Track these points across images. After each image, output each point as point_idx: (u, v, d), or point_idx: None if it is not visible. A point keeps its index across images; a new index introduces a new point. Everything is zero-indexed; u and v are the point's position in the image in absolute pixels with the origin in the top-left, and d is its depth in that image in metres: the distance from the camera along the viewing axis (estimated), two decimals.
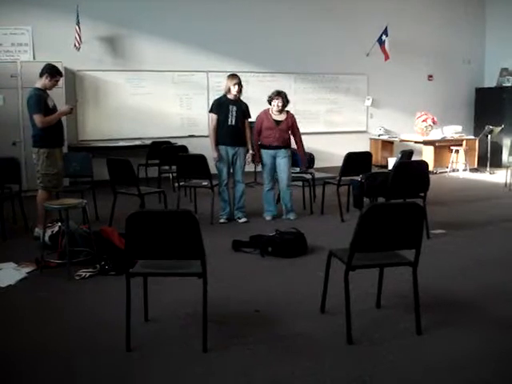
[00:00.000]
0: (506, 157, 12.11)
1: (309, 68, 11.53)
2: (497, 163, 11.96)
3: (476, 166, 11.87)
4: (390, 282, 4.24)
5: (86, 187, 7.22)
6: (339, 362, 3.32)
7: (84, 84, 9.94)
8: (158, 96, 10.43)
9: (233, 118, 6.80)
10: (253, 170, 9.05)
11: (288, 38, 11.16)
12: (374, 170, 8.21)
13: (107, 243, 5.27)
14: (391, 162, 10.08)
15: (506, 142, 12.27)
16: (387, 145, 12.16)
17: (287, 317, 3.98)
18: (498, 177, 10.95)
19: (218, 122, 6.85)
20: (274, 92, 7.06)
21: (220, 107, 6.86)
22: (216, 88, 10.28)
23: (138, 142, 10.05)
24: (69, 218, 5.05)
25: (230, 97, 6.84)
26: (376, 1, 11.92)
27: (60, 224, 5.52)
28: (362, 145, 11.44)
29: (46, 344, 3.57)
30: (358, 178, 6.90)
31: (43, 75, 6.00)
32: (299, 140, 7.20)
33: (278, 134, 6.96)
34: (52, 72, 6.02)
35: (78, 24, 9.30)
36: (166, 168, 9.06)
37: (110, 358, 3.36)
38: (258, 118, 7.09)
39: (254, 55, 10.97)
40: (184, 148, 9.09)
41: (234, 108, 6.81)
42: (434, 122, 11.64)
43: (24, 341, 3.63)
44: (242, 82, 6.88)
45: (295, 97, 11.15)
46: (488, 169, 11.55)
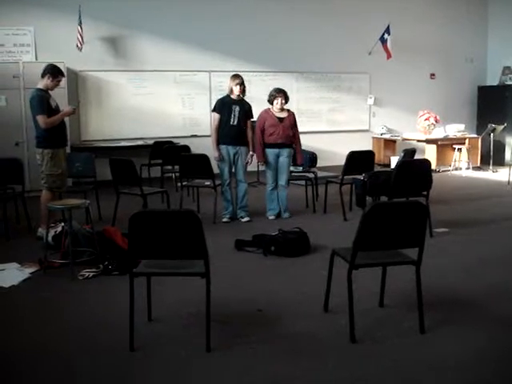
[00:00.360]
0: (508, 155, 12.12)
1: (311, 67, 11.52)
2: (499, 161, 11.95)
3: (479, 164, 11.86)
4: (393, 280, 4.23)
5: (88, 187, 7.23)
6: (342, 361, 3.32)
7: (86, 84, 9.95)
8: (160, 96, 10.44)
9: (235, 117, 6.80)
10: (255, 169, 9.06)
11: (290, 37, 11.16)
12: (377, 168, 8.21)
13: (110, 243, 5.28)
14: (394, 160, 10.08)
15: (509, 141, 12.27)
16: (390, 143, 12.15)
17: (290, 316, 3.98)
18: (500, 175, 10.93)
19: (221, 122, 6.86)
20: (275, 90, 7.07)
21: (223, 107, 6.86)
22: (218, 88, 10.29)
23: (140, 142, 10.06)
24: (72, 218, 5.06)
25: (233, 97, 6.86)
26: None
27: (63, 224, 5.51)
28: (364, 144, 11.43)
29: (48, 344, 3.57)
30: (361, 176, 6.88)
31: (45, 76, 6.00)
32: (298, 137, 7.20)
33: (281, 130, 6.96)
34: (54, 72, 6.03)
35: (80, 24, 9.31)
36: (169, 168, 9.06)
37: (114, 358, 3.37)
38: (259, 117, 7.08)
39: (255, 54, 10.96)
40: (186, 148, 9.09)
41: (237, 108, 6.81)
42: (436, 121, 11.62)
43: (26, 341, 3.64)
44: (244, 82, 6.87)
45: (297, 96, 11.17)
46: (491, 167, 11.54)
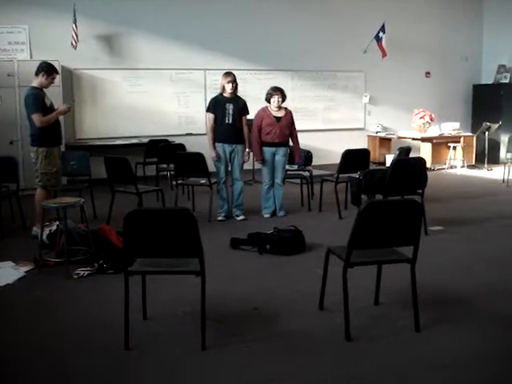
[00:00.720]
0: (503, 153, 12.09)
1: (306, 65, 11.52)
2: (494, 160, 11.98)
3: (474, 162, 11.88)
4: (388, 279, 4.24)
5: (83, 186, 7.21)
6: (338, 359, 3.32)
7: (81, 82, 9.91)
8: (156, 94, 10.41)
9: (229, 116, 6.78)
10: (251, 167, 9.06)
11: (285, 35, 11.14)
12: (372, 167, 8.20)
13: (105, 242, 5.27)
14: (389, 158, 10.09)
15: (504, 139, 12.24)
16: (385, 142, 12.16)
17: (285, 314, 3.99)
18: (495, 173, 10.96)
19: (216, 121, 6.85)
20: (273, 88, 7.06)
21: (216, 106, 6.84)
22: (214, 86, 10.25)
23: (135, 141, 10.03)
24: (67, 217, 5.05)
25: (226, 95, 6.83)
26: None
27: (58, 223, 5.51)
28: (359, 142, 11.45)
29: (43, 343, 3.57)
30: (356, 175, 6.89)
31: (39, 73, 5.98)
32: (296, 136, 7.22)
33: (278, 130, 6.95)
34: (48, 70, 6.01)
35: (75, 22, 9.27)
36: (164, 166, 9.04)
37: (109, 357, 3.36)
38: (256, 115, 7.07)
39: (251, 53, 10.95)
40: (182, 146, 9.07)
41: (231, 106, 6.79)
42: (431, 119, 11.63)
43: (21, 340, 3.63)
44: (237, 79, 6.83)
45: (293, 94, 11.15)
46: (486, 165, 11.56)
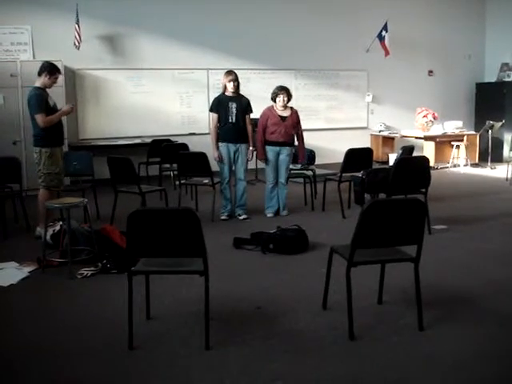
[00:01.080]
0: (506, 152, 12.10)
1: (309, 64, 11.51)
2: (498, 158, 11.95)
3: (477, 161, 11.86)
4: (391, 278, 4.23)
5: (87, 186, 7.22)
6: (341, 358, 3.32)
7: (84, 83, 9.92)
8: (158, 94, 10.41)
9: (233, 115, 6.76)
10: (254, 167, 9.05)
11: (288, 34, 11.14)
12: (375, 166, 8.21)
13: (109, 242, 5.27)
14: (392, 157, 10.07)
15: (507, 137, 12.28)
16: (388, 141, 12.14)
17: (289, 314, 3.98)
18: (498, 172, 10.94)
19: (219, 120, 6.84)
20: (278, 87, 7.04)
21: (219, 105, 6.82)
22: (216, 85, 10.25)
23: (138, 141, 10.04)
24: (70, 217, 5.05)
25: (229, 94, 6.81)
26: None
27: (61, 223, 5.51)
28: (362, 141, 11.42)
29: (47, 343, 3.57)
30: (359, 174, 6.88)
31: (42, 73, 5.98)
32: (301, 136, 7.21)
33: (283, 129, 6.94)
34: (51, 70, 6.01)
35: (78, 23, 9.28)
36: (167, 166, 9.05)
37: (112, 356, 3.36)
38: (262, 114, 7.07)
39: (254, 52, 10.95)
40: (185, 146, 9.07)
41: (234, 105, 6.77)
42: (434, 118, 11.62)
43: (25, 340, 3.63)
44: (238, 78, 6.81)
45: (296, 93, 11.10)
46: (489, 164, 11.54)
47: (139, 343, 3.47)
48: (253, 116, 7.04)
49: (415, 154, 7.72)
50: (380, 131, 12.23)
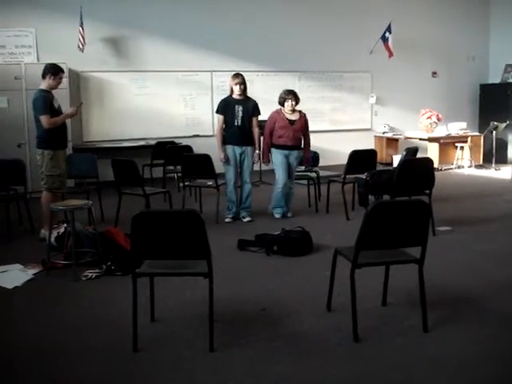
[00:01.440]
0: (511, 153, 12.08)
1: (313, 66, 11.51)
2: (502, 159, 11.93)
3: (481, 162, 11.82)
4: (396, 279, 4.23)
5: (91, 188, 7.23)
6: (345, 360, 3.31)
7: (88, 85, 9.95)
8: (162, 96, 10.43)
9: (239, 118, 6.75)
10: (258, 169, 9.05)
11: (292, 36, 11.14)
12: (379, 167, 8.19)
13: (113, 244, 5.28)
14: (396, 159, 10.07)
15: (511, 139, 12.26)
16: (392, 142, 12.13)
17: (293, 315, 3.98)
18: (503, 173, 10.92)
19: (225, 123, 6.84)
20: (285, 92, 6.99)
21: (226, 108, 6.82)
22: (220, 87, 10.29)
23: (142, 143, 10.05)
24: (74, 219, 5.06)
25: (236, 96, 6.80)
26: None
27: (66, 225, 5.53)
28: (366, 142, 11.43)
29: (51, 345, 3.58)
30: (363, 175, 6.88)
31: (46, 76, 6.01)
32: (308, 139, 7.16)
33: (292, 133, 6.90)
34: (55, 70, 6.04)
35: (82, 25, 9.30)
36: (171, 168, 9.06)
37: (117, 358, 3.37)
38: (270, 117, 7.03)
39: (257, 54, 10.95)
40: (189, 148, 9.08)
41: (240, 108, 6.75)
42: (438, 119, 11.59)
43: (28, 342, 3.64)
44: (245, 81, 6.81)
45: (299, 95, 11.10)
46: (493, 165, 11.50)
47: (143, 345, 3.48)
48: (261, 118, 7.01)
49: (419, 155, 7.71)
50: (384, 133, 12.22)
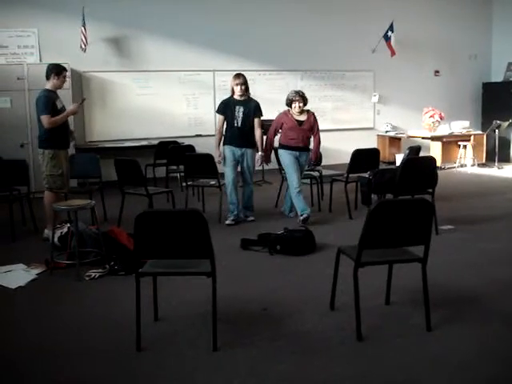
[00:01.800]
0: None
1: (315, 65, 11.51)
2: (505, 158, 11.93)
3: (484, 161, 11.82)
4: (399, 278, 4.23)
5: (94, 188, 7.23)
6: (348, 359, 3.31)
7: (90, 85, 9.96)
8: (165, 96, 10.44)
9: (239, 119, 6.68)
10: (260, 168, 9.04)
11: (294, 35, 11.14)
12: (382, 166, 8.18)
13: (116, 243, 5.29)
14: (399, 158, 10.05)
15: None
16: (395, 141, 12.12)
17: (296, 315, 3.98)
18: (506, 172, 10.91)
19: (226, 123, 6.81)
20: (292, 93, 6.86)
21: (226, 108, 6.76)
22: (222, 87, 10.28)
23: (145, 143, 10.07)
24: (78, 219, 5.07)
25: (236, 97, 6.74)
26: None
27: (69, 225, 5.54)
28: (369, 141, 11.42)
29: (55, 344, 3.58)
30: (366, 174, 6.87)
31: (50, 76, 6.02)
32: (318, 139, 7.01)
33: (301, 134, 6.81)
34: (58, 70, 6.05)
35: (84, 25, 9.33)
36: (174, 168, 9.06)
37: (120, 358, 3.37)
38: (277, 118, 6.95)
39: (260, 53, 10.95)
40: (191, 147, 9.08)
41: (241, 109, 6.69)
42: (441, 118, 11.59)
43: (32, 342, 3.65)
44: (247, 81, 6.73)
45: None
46: (496, 164, 11.49)
47: (147, 345, 3.48)
48: (264, 117, 6.95)
49: (422, 154, 7.71)
50: (386, 131, 12.20)
